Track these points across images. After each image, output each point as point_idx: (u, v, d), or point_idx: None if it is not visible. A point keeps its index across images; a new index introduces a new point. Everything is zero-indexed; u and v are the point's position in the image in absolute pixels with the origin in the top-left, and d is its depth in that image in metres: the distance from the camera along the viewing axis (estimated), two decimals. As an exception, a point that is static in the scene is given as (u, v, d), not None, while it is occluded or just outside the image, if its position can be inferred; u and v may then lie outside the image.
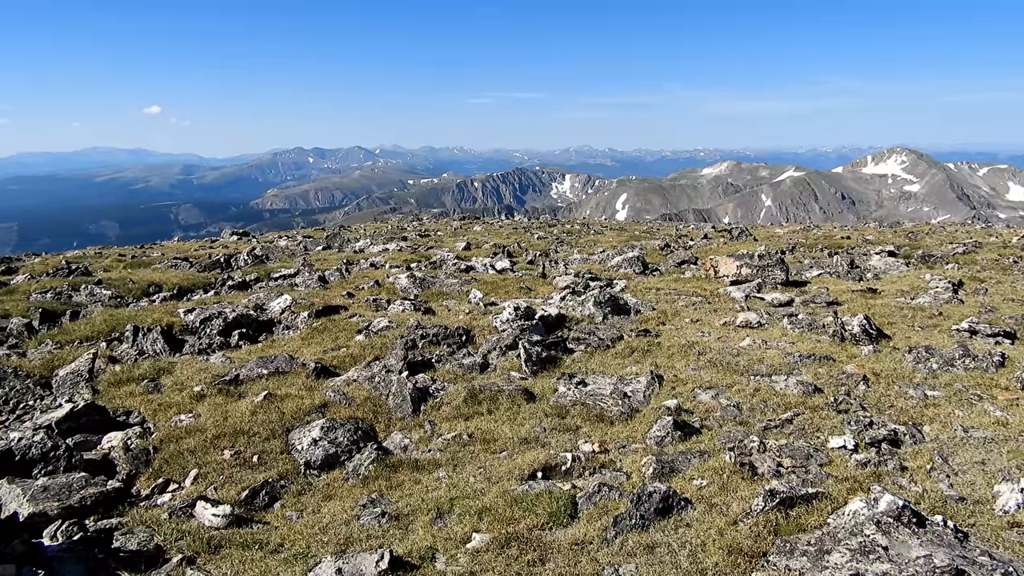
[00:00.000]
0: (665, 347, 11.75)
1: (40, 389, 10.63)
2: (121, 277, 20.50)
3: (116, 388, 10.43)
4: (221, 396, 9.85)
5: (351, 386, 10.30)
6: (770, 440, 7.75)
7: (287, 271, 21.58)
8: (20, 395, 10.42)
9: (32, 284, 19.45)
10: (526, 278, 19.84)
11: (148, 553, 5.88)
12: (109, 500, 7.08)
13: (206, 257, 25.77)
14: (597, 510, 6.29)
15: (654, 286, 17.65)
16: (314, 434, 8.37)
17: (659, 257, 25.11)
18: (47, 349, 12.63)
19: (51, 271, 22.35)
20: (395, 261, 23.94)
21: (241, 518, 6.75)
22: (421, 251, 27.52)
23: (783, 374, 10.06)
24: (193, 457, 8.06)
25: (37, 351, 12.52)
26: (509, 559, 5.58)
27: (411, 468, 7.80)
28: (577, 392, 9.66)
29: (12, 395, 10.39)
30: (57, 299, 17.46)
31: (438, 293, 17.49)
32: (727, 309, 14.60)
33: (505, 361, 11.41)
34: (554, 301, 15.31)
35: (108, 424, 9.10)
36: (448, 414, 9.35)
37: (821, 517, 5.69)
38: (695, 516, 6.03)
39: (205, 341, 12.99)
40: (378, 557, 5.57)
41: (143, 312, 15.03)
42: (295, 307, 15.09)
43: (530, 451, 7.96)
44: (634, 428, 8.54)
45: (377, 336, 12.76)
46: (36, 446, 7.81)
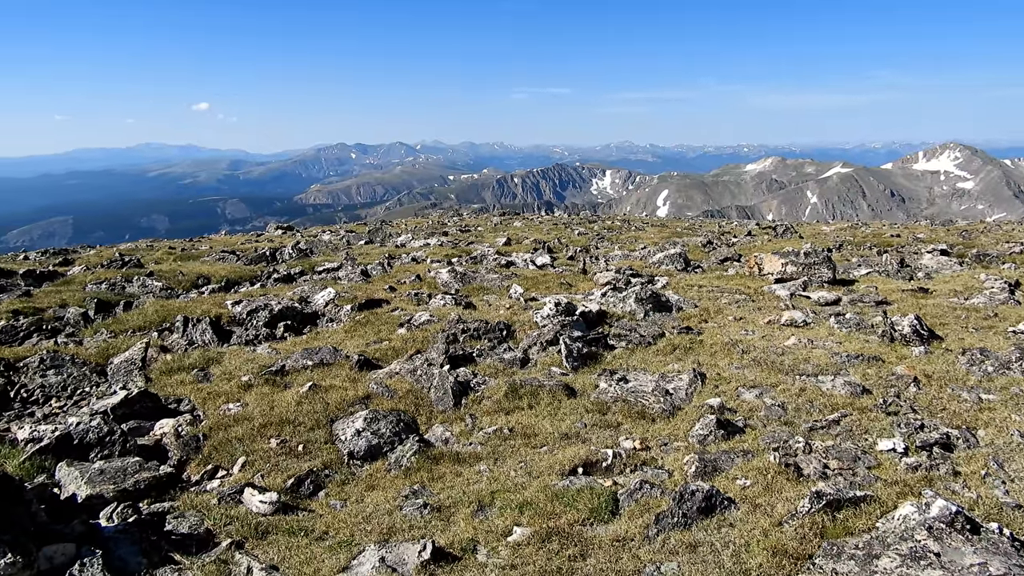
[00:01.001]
0: (708, 345, 11.61)
1: (96, 376, 11.00)
2: (171, 269, 21.08)
3: (167, 376, 10.75)
4: (267, 386, 10.07)
5: (393, 378, 10.42)
6: (816, 441, 7.61)
7: (330, 265, 21.91)
8: (77, 382, 10.81)
9: (87, 275, 20.13)
10: (566, 274, 19.81)
11: (199, 537, 6.05)
12: (161, 484, 7.31)
13: (252, 250, 26.32)
14: (639, 507, 6.26)
15: (696, 283, 17.44)
16: (357, 425, 8.50)
17: (701, 254, 24.80)
18: (102, 338, 13.06)
19: (105, 263, 23.10)
20: (436, 256, 24.12)
21: (287, 505, 6.90)
22: (462, 246, 27.67)
23: (830, 374, 9.85)
24: (241, 445, 8.26)
25: (93, 340, 12.96)
26: (550, 553, 5.59)
27: (452, 461, 7.87)
28: (618, 389, 9.62)
29: (70, 381, 10.78)
30: (111, 290, 18.04)
31: (479, 288, 17.57)
32: (771, 307, 14.36)
33: (546, 356, 11.42)
34: (595, 297, 15.26)
35: (160, 411, 9.38)
36: (489, 408, 9.40)
37: (869, 521, 5.57)
38: (738, 516, 5.96)
39: (252, 332, 13.29)
40: (420, 547, 5.64)
41: (192, 303, 15.43)
42: (338, 300, 15.33)
43: (571, 446, 7.96)
44: (676, 426, 8.46)
45: (419, 330, 12.88)
46: (93, 431, 8.10)
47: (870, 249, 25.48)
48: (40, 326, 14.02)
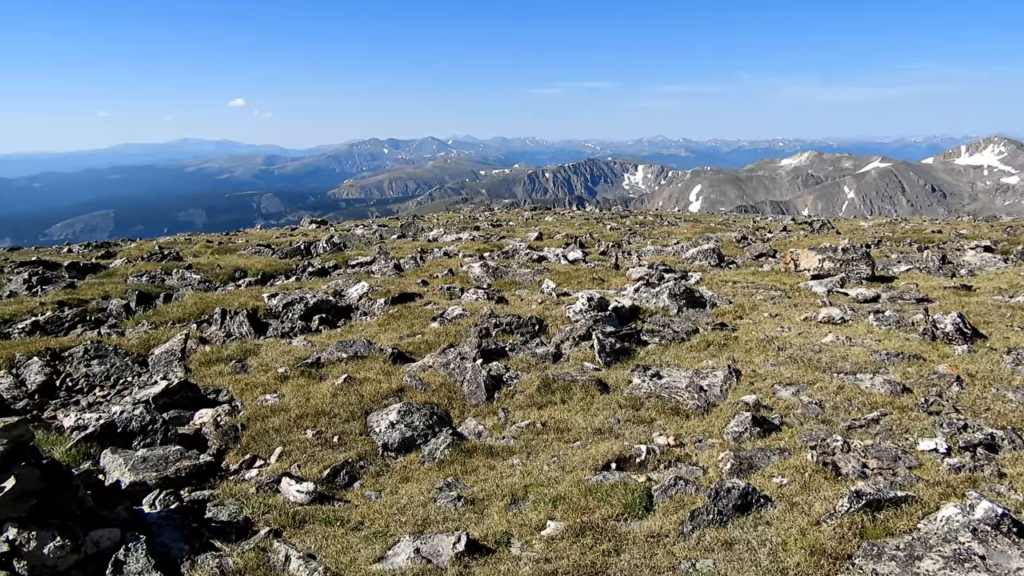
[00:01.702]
0: (742, 341, 11.47)
1: (137, 367, 11.27)
2: (209, 262, 21.47)
3: (206, 367, 10.96)
4: (303, 378, 10.22)
5: (426, 372, 10.49)
6: (855, 440, 7.48)
7: (364, 259, 22.12)
8: (120, 371, 11.08)
9: (129, 268, 20.61)
10: (599, 269, 19.73)
11: (238, 524, 6.17)
12: (201, 473, 7.47)
13: (287, 244, 26.68)
14: (673, 503, 6.22)
15: (731, 279, 17.24)
16: (391, 417, 8.58)
17: (735, 250, 24.50)
18: (143, 329, 13.37)
19: (145, 256, 23.63)
20: (468, 250, 24.20)
21: (323, 495, 7.00)
22: (493, 240, 27.72)
23: (869, 372, 9.67)
24: (278, 435, 8.40)
25: (134, 331, 13.28)
26: (584, 548, 5.59)
27: (485, 454, 7.90)
28: (652, 384, 9.56)
29: (113, 371, 11.06)
30: (151, 282, 18.45)
31: (511, 282, 17.59)
32: (808, 304, 14.13)
33: (578, 351, 11.40)
34: (627, 292, 15.17)
35: (199, 401, 9.58)
36: (521, 402, 9.42)
37: (911, 522, 5.46)
38: (775, 514, 5.88)
39: (287, 325, 13.48)
40: (455, 539, 5.68)
41: (230, 296, 15.70)
42: (372, 294, 15.47)
43: (604, 442, 7.94)
44: (710, 423, 8.39)
45: (451, 324, 12.95)
46: (135, 420, 8.30)
47: (910, 245, 24.93)
48: (84, 317, 14.41)
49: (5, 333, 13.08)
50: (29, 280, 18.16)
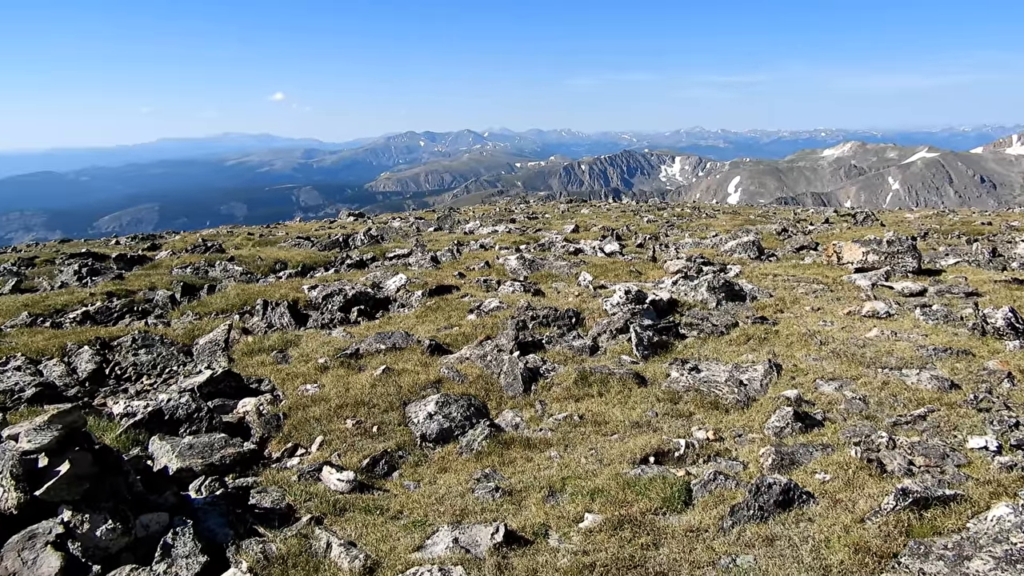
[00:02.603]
0: (783, 335, 11.29)
1: (183, 356, 11.55)
2: (251, 255, 21.87)
3: (249, 357, 11.18)
4: (343, 368, 10.36)
5: (463, 364, 10.55)
6: (900, 437, 7.31)
7: (401, 251, 22.30)
8: (166, 361, 11.37)
9: (173, 259, 21.11)
10: (636, 261, 19.58)
11: (281, 511, 6.29)
12: (245, 460, 7.63)
13: (326, 237, 27.03)
14: (712, 498, 6.16)
15: (771, 272, 16.96)
16: (429, 408, 8.66)
17: (776, 242, 24.08)
18: (188, 319, 13.69)
19: (189, 248, 24.16)
20: (504, 243, 24.22)
21: (363, 484, 7.09)
22: (529, 233, 27.69)
23: (915, 368, 9.43)
24: (318, 425, 8.53)
25: (179, 321, 13.61)
26: (622, 541, 5.57)
27: (523, 446, 7.92)
28: (690, 378, 9.47)
29: (159, 360, 11.35)
30: (195, 274, 18.87)
31: (547, 275, 17.56)
32: (851, 298, 13.83)
33: (615, 344, 11.34)
34: (665, 285, 15.03)
35: (242, 390, 9.78)
36: (558, 395, 9.42)
37: (959, 521, 5.32)
38: (818, 511, 5.79)
39: (327, 316, 13.68)
40: (493, 530, 5.71)
41: (271, 288, 15.98)
42: (409, 286, 15.60)
43: (642, 435, 7.89)
44: (750, 417, 8.28)
45: (488, 316, 12.99)
46: (182, 407, 8.51)
47: (958, 238, 24.21)
48: (131, 307, 14.81)
49: (57, 323, 13.52)
50: (79, 271, 18.73)
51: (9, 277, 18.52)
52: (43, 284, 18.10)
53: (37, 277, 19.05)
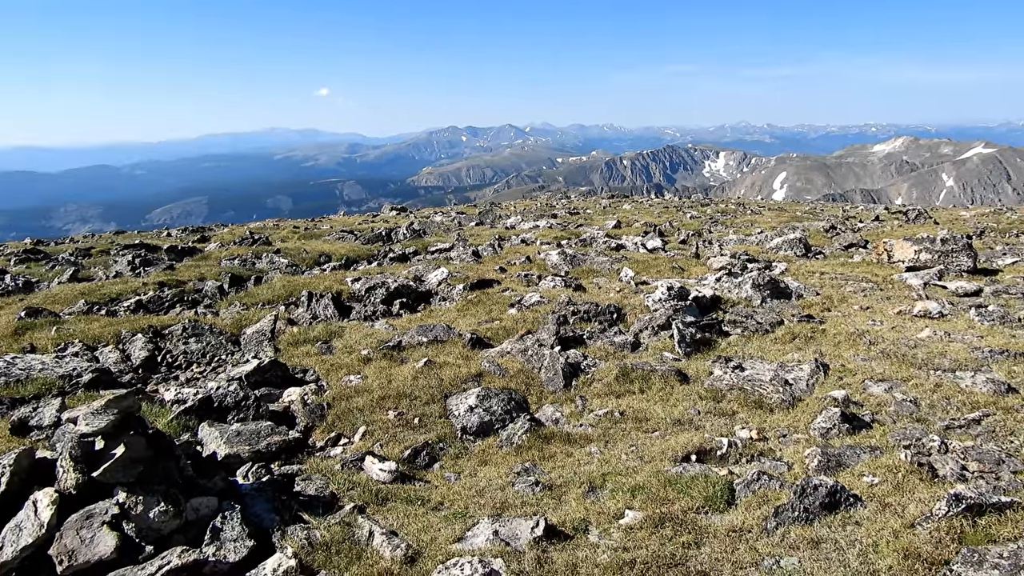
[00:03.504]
0: (831, 334, 11.04)
1: (231, 345, 11.83)
2: (296, 247, 22.28)
3: (294, 348, 11.40)
4: (385, 360, 10.49)
5: (504, 358, 10.58)
6: (953, 441, 7.09)
7: (443, 245, 22.45)
8: (215, 349, 11.66)
9: (222, 251, 21.62)
10: (678, 258, 19.37)
11: (324, 499, 6.41)
12: (290, 448, 7.79)
13: (369, 230, 27.37)
14: (756, 498, 6.06)
15: (818, 270, 16.60)
16: (470, 401, 8.71)
17: (823, 239, 23.55)
18: (236, 310, 14.01)
19: (237, 240, 24.72)
20: (545, 238, 24.19)
21: (404, 475, 7.18)
22: (571, 228, 27.61)
23: (969, 370, 9.13)
24: (361, 415, 8.66)
25: (227, 311, 13.93)
26: (663, 539, 5.53)
27: (563, 441, 7.92)
28: (734, 376, 9.33)
29: (208, 349, 11.65)
30: (243, 265, 19.30)
31: (588, 270, 17.49)
32: (902, 297, 13.46)
33: (657, 341, 11.24)
34: (708, 282, 14.84)
35: (288, 380, 9.98)
36: (599, 390, 9.38)
37: (1016, 529, 5.14)
38: (865, 514, 5.65)
39: (370, 308, 13.85)
40: (533, 524, 5.72)
41: (315, 280, 16.25)
42: (451, 280, 15.70)
43: (684, 433, 7.82)
44: (796, 417, 8.13)
45: (529, 310, 13.00)
46: (230, 395, 8.73)
47: (1017, 236, 23.33)
48: (182, 297, 15.22)
49: (112, 311, 13.97)
50: (133, 262, 19.32)
51: (67, 267, 19.21)
52: (99, 274, 18.73)
53: (93, 267, 19.72)
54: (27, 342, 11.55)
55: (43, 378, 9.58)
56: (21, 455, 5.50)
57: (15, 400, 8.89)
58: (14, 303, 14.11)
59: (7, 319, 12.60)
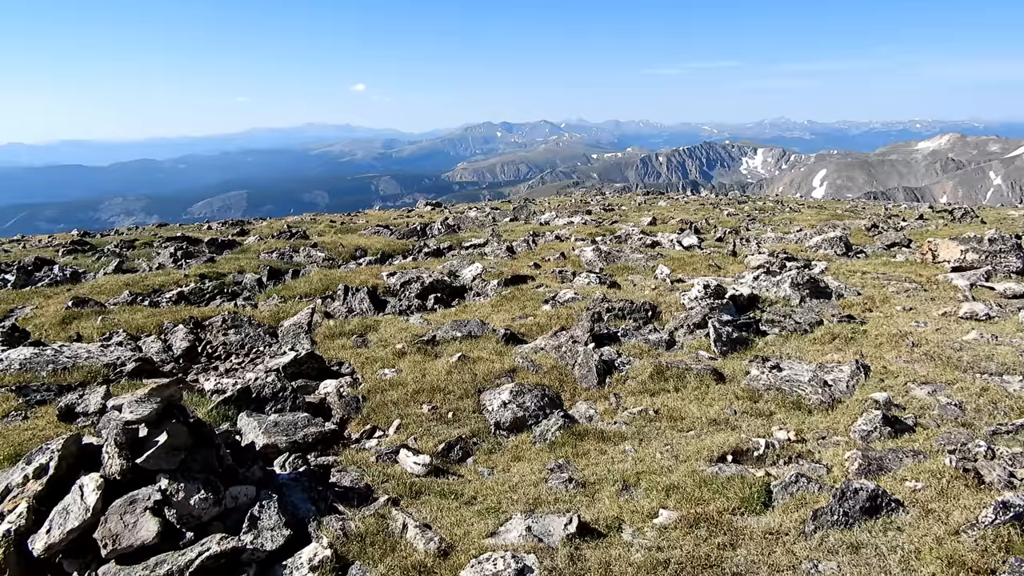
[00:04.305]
0: (872, 335, 10.79)
1: (268, 337, 12.02)
2: (332, 241, 22.54)
3: (330, 340, 11.54)
4: (420, 354, 10.56)
5: (538, 354, 10.57)
6: (1000, 447, 6.87)
7: (477, 241, 22.51)
8: (253, 341, 11.86)
9: (260, 245, 21.97)
10: (715, 256, 19.13)
11: (359, 491, 6.48)
12: (326, 439, 7.89)
13: (404, 225, 27.57)
14: (794, 501, 5.96)
15: (859, 269, 16.25)
16: (504, 397, 8.72)
17: (865, 238, 23.06)
18: (274, 302, 14.24)
19: (275, 234, 25.09)
20: (580, 234, 24.09)
21: (438, 469, 7.21)
22: (605, 225, 27.45)
23: (1018, 374, 8.85)
24: (396, 408, 8.73)
25: (266, 304, 14.16)
26: (698, 539, 5.47)
27: (596, 438, 7.88)
28: (771, 376, 9.19)
29: (247, 340, 11.85)
30: (281, 259, 19.60)
31: (623, 267, 17.38)
32: (947, 298, 13.10)
33: (692, 339, 11.12)
34: (746, 281, 14.62)
35: (324, 372, 10.11)
36: (633, 388, 9.31)
37: (1068, 539, 4.97)
38: (907, 520, 5.51)
39: (404, 303, 13.96)
40: (566, 520, 5.71)
41: (352, 274, 16.43)
42: (485, 275, 15.73)
43: (719, 433, 7.72)
44: (835, 419, 7.97)
45: (563, 307, 12.96)
46: (268, 386, 8.87)
47: (1070, 237, 22.54)
48: (222, 289, 15.52)
49: (155, 302, 14.31)
50: (175, 254, 19.75)
51: (112, 258, 19.73)
52: (142, 265, 19.19)
53: (137, 259, 20.21)
54: (74, 331, 11.89)
55: (89, 366, 9.86)
56: (68, 440, 5.67)
57: (62, 387, 9.16)
58: (62, 293, 14.53)
59: (55, 308, 12.99)
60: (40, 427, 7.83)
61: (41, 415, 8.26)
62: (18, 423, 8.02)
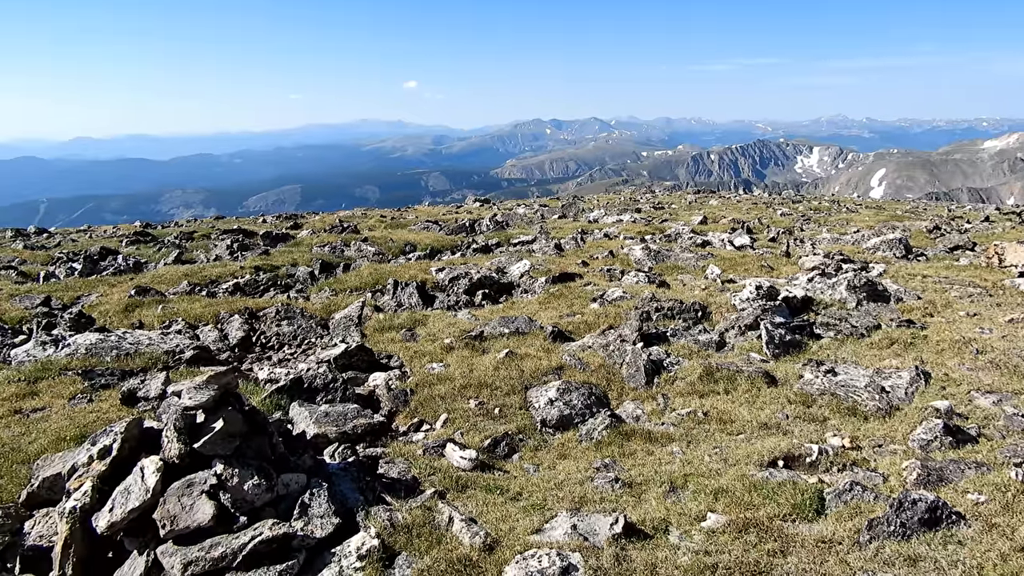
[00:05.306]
0: (933, 341, 10.42)
1: (320, 329, 12.25)
2: (383, 236, 22.84)
3: (379, 334, 11.70)
4: (467, 350, 10.62)
5: (585, 352, 10.52)
6: (1071, 461, 6.56)
7: (525, 237, 22.51)
8: (305, 332, 12.11)
9: (313, 238, 22.40)
10: (767, 256, 18.74)
11: (406, 483, 6.55)
12: (374, 431, 8.01)
13: (453, 221, 27.75)
14: (848, 510, 5.79)
15: (919, 272, 15.70)
16: (550, 394, 8.70)
17: (926, 240, 22.27)
18: (325, 295, 14.51)
19: (327, 228, 25.55)
20: (629, 232, 23.88)
21: (484, 464, 7.25)
22: (655, 223, 27.15)
23: (1091, 386, 8.43)
24: (443, 403, 8.81)
25: (317, 296, 14.44)
26: (747, 545, 5.37)
27: (643, 439, 7.80)
28: (825, 381, 8.95)
29: (299, 332, 12.10)
30: (332, 252, 19.94)
31: (672, 267, 17.17)
32: (1015, 304, 12.55)
33: (744, 341, 10.92)
34: (800, 282, 14.28)
35: (373, 365, 10.25)
36: (682, 389, 9.19)
37: None
38: (969, 534, 5.31)
39: (453, 298, 14.06)
40: (612, 520, 5.67)
41: (401, 268, 16.62)
42: (533, 272, 15.73)
43: (770, 437, 7.56)
44: (892, 427, 7.72)
45: (611, 305, 12.87)
46: (319, 377, 9.05)
47: None
48: (275, 281, 15.88)
49: (212, 292, 14.73)
50: (231, 246, 20.29)
51: (172, 249, 20.38)
52: (200, 256, 19.78)
53: (195, 250, 20.84)
54: (136, 318, 12.33)
55: (149, 352, 10.21)
56: (131, 424, 5.87)
57: (125, 372, 9.52)
58: (125, 282, 15.08)
59: (119, 296, 13.49)
60: (104, 410, 8.16)
61: (105, 398, 8.60)
62: (84, 405, 8.36)
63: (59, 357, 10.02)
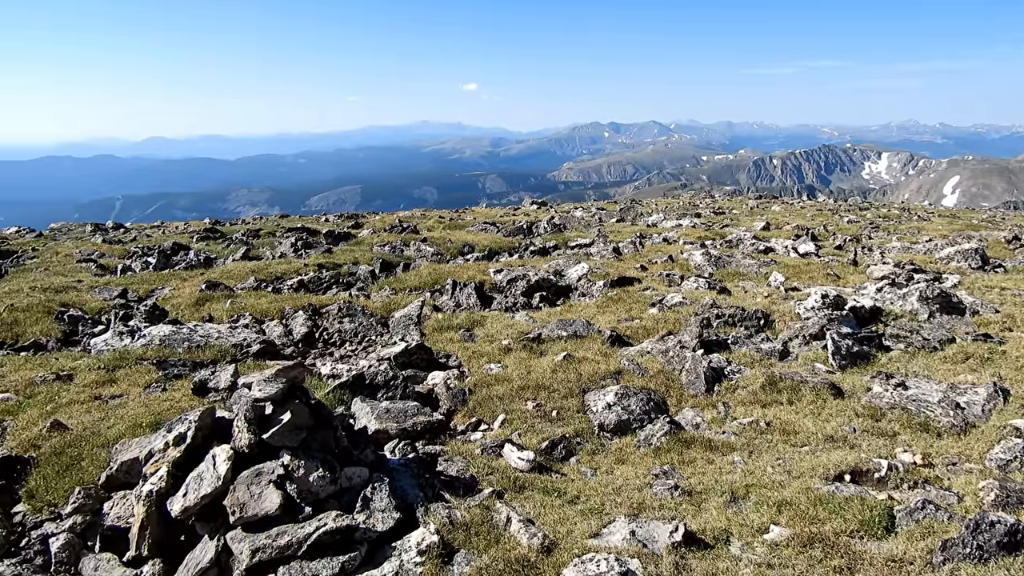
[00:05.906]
0: (1012, 357, 9.93)
1: (380, 327, 12.48)
2: (441, 237, 23.10)
3: (438, 333, 11.84)
4: (525, 352, 10.65)
5: (644, 357, 10.42)
6: None
7: (583, 241, 22.43)
8: (365, 330, 12.34)
9: (373, 238, 22.82)
10: (833, 264, 18.20)
11: (465, 481, 6.61)
12: (433, 429, 8.11)
13: (510, 223, 27.86)
14: (920, 529, 5.58)
15: (997, 284, 15.01)
16: (608, 399, 8.65)
17: (1005, 251, 21.27)
18: (385, 294, 14.76)
19: (387, 228, 25.99)
20: (688, 237, 23.55)
21: (541, 466, 7.26)
22: (715, 229, 26.70)
23: None
24: (501, 403, 8.85)
25: (378, 294, 14.70)
26: (812, 560, 5.22)
27: (704, 447, 7.68)
28: (895, 395, 8.64)
29: (360, 329, 12.35)
30: (392, 252, 20.28)
31: (734, 273, 16.85)
32: (1103, 321, 11.87)
33: (808, 351, 10.64)
34: (868, 292, 13.83)
35: (432, 364, 10.38)
36: (744, 398, 9.01)
37: None
38: (1052, 561, 5.05)
39: (510, 300, 14.12)
40: (672, 528, 5.60)
41: (459, 269, 16.78)
42: (591, 275, 15.67)
43: (837, 450, 7.34)
44: (968, 445, 7.40)
45: (670, 311, 12.72)
46: (380, 374, 9.21)
47: None
48: (337, 279, 16.24)
49: (277, 288, 15.17)
50: (295, 244, 20.84)
51: (240, 246, 21.07)
52: (266, 253, 20.39)
53: (261, 247, 21.49)
54: (206, 312, 12.79)
55: (219, 345, 10.58)
56: (204, 413, 6.10)
57: (196, 363, 9.88)
58: (196, 276, 15.67)
59: (191, 290, 14.01)
60: (176, 399, 8.49)
61: (177, 388, 8.95)
62: (158, 394, 8.72)
63: (135, 347, 10.48)
